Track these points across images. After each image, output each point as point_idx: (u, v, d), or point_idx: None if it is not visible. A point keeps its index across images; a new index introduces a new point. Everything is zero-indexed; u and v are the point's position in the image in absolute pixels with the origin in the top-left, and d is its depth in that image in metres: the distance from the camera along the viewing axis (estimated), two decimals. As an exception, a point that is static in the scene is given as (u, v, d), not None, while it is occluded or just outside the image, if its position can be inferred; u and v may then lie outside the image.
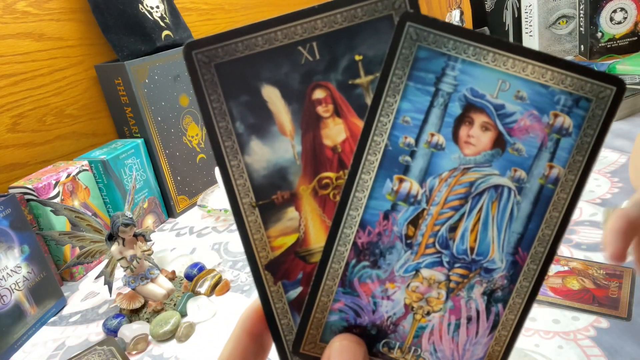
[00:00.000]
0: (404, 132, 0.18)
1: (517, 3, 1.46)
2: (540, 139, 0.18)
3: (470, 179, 0.19)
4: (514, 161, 0.18)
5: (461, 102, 0.18)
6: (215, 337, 0.59)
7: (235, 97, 0.19)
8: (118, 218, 0.63)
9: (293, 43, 0.19)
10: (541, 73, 0.18)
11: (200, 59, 0.19)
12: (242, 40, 0.19)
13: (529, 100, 0.18)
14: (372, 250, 0.20)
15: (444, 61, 0.18)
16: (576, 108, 0.18)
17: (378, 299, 0.20)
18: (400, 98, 0.18)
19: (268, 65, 0.19)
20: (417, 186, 0.19)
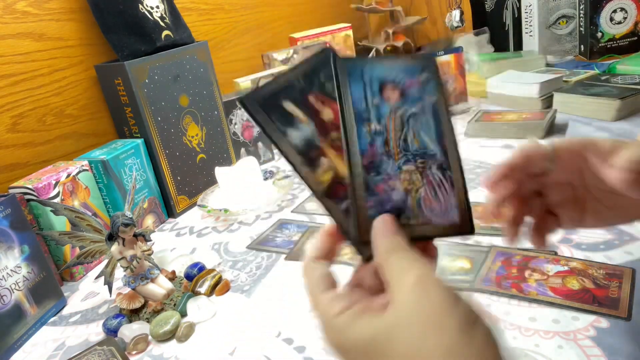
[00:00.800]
0: (360, 103, 0.35)
1: (517, 3, 1.46)
2: (417, 88, 0.36)
3: (400, 113, 0.35)
4: (412, 99, 0.35)
5: (379, 82, 0.35)
6: (215, 337, 0.59)
7: (275, 113, 0.35)
8: (118, 218, 0.63)
9: (291, 80, 0.35)
10: (399, 61, 0.37)
11: (251, 103, 0.34)
12: (267, 85, 0.35)
13: (404, 75, 0.36)
14: (373, 166, 0.34)
15: (362, 68, 0.35)
16: (421, 72, 0.36)
17: (389, 192, 0.34)
18: (350, 90, 0.35)
19: (283, 93, 0.35)
20: (377, 125, 0.34)
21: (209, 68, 1.02)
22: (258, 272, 0.71)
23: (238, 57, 1.35)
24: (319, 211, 0.85)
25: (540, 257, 0.60)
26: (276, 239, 0.80)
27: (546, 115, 0.98)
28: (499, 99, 1.19)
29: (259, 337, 0.58)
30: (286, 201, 0.93)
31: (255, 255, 0.76)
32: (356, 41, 1.60)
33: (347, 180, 0.33)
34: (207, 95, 1.03)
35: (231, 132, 1.10)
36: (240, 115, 1.12)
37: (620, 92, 0.97)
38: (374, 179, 0.34)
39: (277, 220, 0.86)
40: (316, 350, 0.53)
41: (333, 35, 1.38)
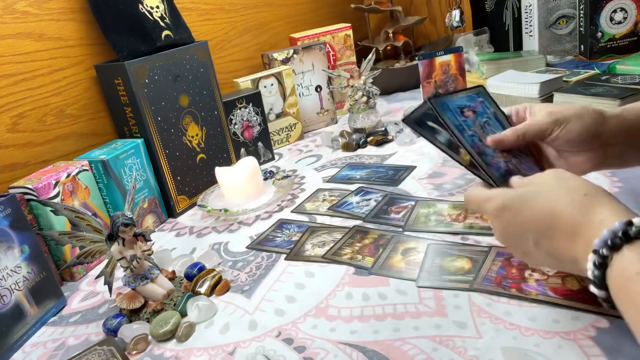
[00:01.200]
0: (456, 121, 0.58)
1: (517, 3, 1.46)
2: (480, 106, 0.62)
3: (478, 123, 0.59)
4: (480, 113, 0.60)
5: (459, 108, 0.60)
6: (215, 337, 0.59)
7: (425, 127, 0.60)
8: (118, 218, 0.63)
9: (426, 111, 0.60)
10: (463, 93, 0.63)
11: (410, 122, 0.60)
12: (414, 112, 0.61)
13: (469, 101, 0.61)
14: (481, 152, 0.56)
15: (447, 103, 0.60)
16: (477, 97, 0.63)
17: (497, 164, 0.56)
18: (447, 116, 0.58)
19: (425, 118, 0.60)
20: (470, 131, 0.58)
21: (209, 68, 1.02)
22: (258, 272, 0.71)
23: (238, 57, 1.35)
24: (319, 211, 0.85)
25: (540, 257, 0.60)
26: (276, 239, 0.80)
27: (546, 115, 0.98)
28: (499, 99, 1.19)
29: (259, 337, 0.58)
30: (286, 201, 0.93)
31: (255, 255, 0.76)
32: (356, 41, 1.60)
33: (474, 160, 0.55)
34: (207, 95, 1.03)
35: (231, 132, 1.10)
36: (240, 115, 1.12)
37: (620, 92, 0.97)
38: (485, 159, 0.56)
39: (277, 220, 0.86)
40: (316, 351, 0.54)
41: (333, 35, 1.38)
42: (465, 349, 0.49)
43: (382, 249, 0.70)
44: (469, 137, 0.58)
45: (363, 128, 1.17)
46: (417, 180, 0.90)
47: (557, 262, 0.46)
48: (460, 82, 1.19)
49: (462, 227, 0.71)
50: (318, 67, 1.30)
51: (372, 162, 1.03)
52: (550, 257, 0.46)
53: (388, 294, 0.60)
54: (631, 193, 0.71)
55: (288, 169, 1.09)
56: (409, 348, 0.51)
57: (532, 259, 0.49)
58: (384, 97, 1.50)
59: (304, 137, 1.30)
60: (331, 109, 1.36)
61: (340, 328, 0.56)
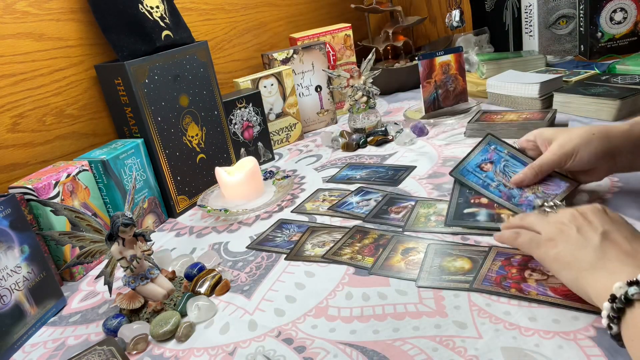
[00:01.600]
0: (478, 181, 0.73)
1: (517, 3, 1.46)
2: (495, 154, 0.74)
3: (499, 170, 0.71)
4: (497, 160, 0.73)
5: (477, 166, 0.75)
6: (215, 337, 0.59)
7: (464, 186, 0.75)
8: (118, 218, 0.63)
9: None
10: (477, 149, 0.77)
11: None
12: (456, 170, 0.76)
13: (484, 154, 0.75)
14: (509, 196, 0.68)
15: (465, 167, 0.75)
16: (489, 145, 0.77)
17: (528, 198, 0.67)
18: (470, 180, 0.73)
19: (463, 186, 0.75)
20: (493, 182, 0.71)
21: (209, 68, 1.02)
22: (258, 272, 0.71)
23: (238, 57, 1.35)
24: (319, 211, 0.85)
25: (540, 257, 0.60)
26: (276, 239, 0.80)
27: (546, 115, 0.98)
28: (499, 99, 1.19)
29: (259, 337, 0.58)
30: (286, 201, 0.93)
31: (255, 255, 0.76)
32: (356, 41, 1.60)
33: (507, 208, 0.66)
34: (207, 95, 1.03)
35: (231, 132, 1.10)
36: (240, 115, 1.12)
37: (620, 92, 0.97)
38: (515, 201, 0.65)
39: (277, 220, 0.86)
40: (316, 351, 0.54)
41: (333, 35, 1.38)
42: (465, 349, 0.49)
43: (382, 249, 0.70)
44: (494, 189, 0.67)
45: (363, 128, 1.17)
46: (417, 180, 0.90)
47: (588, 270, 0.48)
48: (460, 82, 1.19)
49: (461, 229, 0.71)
50: (318, 67, 1.30)
51: (372, 162, 1.03)
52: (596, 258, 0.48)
53: (388, 294, 0.60)
54: (631, 193, 0.71)
55: (288, 169, 1.09)
56: (409, 348, 0.51)
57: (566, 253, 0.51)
58: (384, 97, 1.50)
59: (304, 137, 1.30)
60: (331, 109, 1.36)
61: (340, 328, 0.56)
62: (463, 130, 1.08)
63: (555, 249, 0.52)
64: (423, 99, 1.18)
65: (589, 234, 0.50)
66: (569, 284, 0.50)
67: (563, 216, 0.54)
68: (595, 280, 0.47)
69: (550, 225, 0.54)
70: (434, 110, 1.20)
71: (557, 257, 0.51)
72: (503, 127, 1.00)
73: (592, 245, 0.49)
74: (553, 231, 0.53)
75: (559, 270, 0.51)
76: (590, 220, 0.52)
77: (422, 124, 1.12)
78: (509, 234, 0.58)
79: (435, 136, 1.10)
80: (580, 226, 0.51)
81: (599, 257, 0.48)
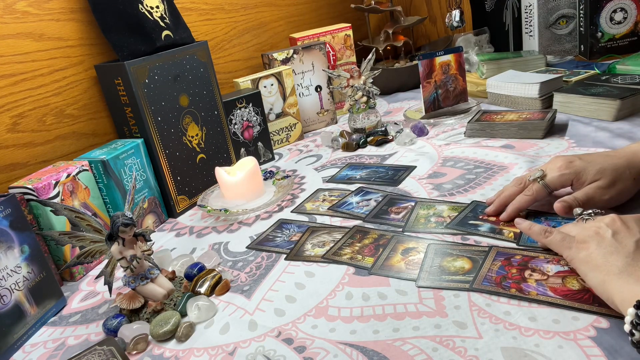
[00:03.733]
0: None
1: (517, 3, 1.46)
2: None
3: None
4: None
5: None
6: (215, 337, 0.59)
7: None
8: (118, 218, 0.63)
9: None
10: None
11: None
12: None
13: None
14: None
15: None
16: None
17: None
18: None
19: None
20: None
21: (209, 68, 1.02)
22: (258, 272, 0.71)
23: (238, 57, 1.35)
24: (319, 211, 0.85)
25: (540, 257, 0.60)
26: (276, 239, 0.80)
27: (546, 115, 0.98)
28: (499, 99, 1.19)
29: (259, 337, 0.58)
30: (286, 201, 0.93)
31: (255, 255, 0.76)
32: (356, 41, 1.60)
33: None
34: (207, 95, 1.03)
35: (231, 132, 1.10)
36: (240, 115, 1.12)
37: (620, 92, 0.97)
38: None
39: (277, 220, 0.86)
40: (316, 351, 0.54)
41: (333, 35, 1.38)
42: (465, 349, 0.49)
43: (382, 249, 0.70)
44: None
45: (363, 128, 1.17)
46: (417, 180, 0.90)
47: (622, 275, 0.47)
48: (460, 82, 1.19)
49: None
50: (318, 67, 1.30)
51: (372, 162, 1.03)
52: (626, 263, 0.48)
53: (388, 294, 0.60)
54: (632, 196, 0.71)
55: (288, 169, 1.09)
56: (409, 348, 0.51)
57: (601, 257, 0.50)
58: (384, 97, 1.50)
59: (304, 137, 1.30)
60: (331, 109, 1.36)
61: (340, 328, 0.56)
62: (463, 130, 1.08)
63: (587, 250, 0.51)
64: (423, 99, 1.18)
65: (625, 239, 0.50)
66: (595, 286, 0.49)
67: (602, 219, 0.54)
68: (622, 285, 0.46)
69: (585, 229, 0.54)
70: (434, 110, 1.20)
71: (587, 258, 0.51)
72: (503, 127, 1.00)
73: (625, 250, 0.48)
74: (587, 234, 0.53)
75: (587, 272, 0.50)
76: (629, 227, 0.51)
77: (422, 124, 1.12)
78: (539, 229, 0.58)
79: (435, 136, 1.10)
80: (618, 231, 0.51)
81: (630, 264, 0.47)
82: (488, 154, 0.94)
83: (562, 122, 1.01)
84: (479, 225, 0.70)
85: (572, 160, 0.67)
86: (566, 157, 0.68)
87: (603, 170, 0.64)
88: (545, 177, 0.68)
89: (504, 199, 0.71)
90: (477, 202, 0.77)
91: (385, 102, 1.45)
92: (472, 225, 0.71)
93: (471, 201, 0.77)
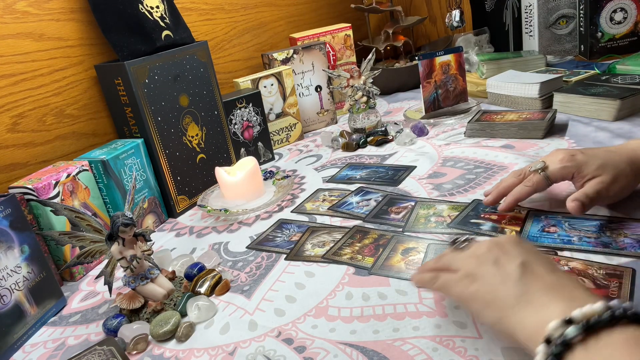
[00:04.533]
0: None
1: (517, 3, 1.46)
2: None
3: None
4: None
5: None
6: (215, 337, 0.59)
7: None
8: (118, 218, 0.63)
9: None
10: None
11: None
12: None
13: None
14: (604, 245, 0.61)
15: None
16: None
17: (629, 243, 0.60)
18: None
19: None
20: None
21: (209, 68, 1.02)
22: (258, 272, 0.71)
23: (238, 57, 1.35)
24: (319, 211, 0.85)
25: (540, 257, 0.60)
26: (276, 239, 0.80)
27: (546, 115, 0.98)
28: (499, 99, 1.19)
29: (259, 337, 0.58)
30: (286, 201, 0.93)
31: (255, 255, 0.76)
32: (356, 41, 1.60)
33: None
34: (207, 95, 1.03)
35: (231, 132, 1.10)
36: (240, 115, 1.12)
37: (620, 92, 0.97)
38: (614, 246, 0.60)
39: (277, 220, 0.86)
40: (316, 351, 0.54)
41: (333, 35, 1.38)
42: (466, 349, 0.49)
43: (382, 249, 0.70)
44: (580, 242, 0.61)
45: (363, 128, 1.17)
46: (417, 180, 0.90)
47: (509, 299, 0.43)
48: (460, 82, 1.19)
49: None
50: (318, 67, 1.30)
51: (372, 162, 1.03)
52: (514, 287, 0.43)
53: (388, 294, 0.60)
54: (631, 193, 0.71)
55: (288, 169, 1.09)
56: (409, 348, 0.51)
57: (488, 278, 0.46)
58: (384, 97, 1.50)
59: (304, 137, 1.30)
60: (331, 109, 1.36)
61: (340, 328, 0.56)
62: (463, 130, 1.08)
63: (473, 285, 0.46)
64: (423, 99, 1.18)
65: (507, 266, 0.45)
66: (493, 325, 0.44)
67: (479, 248, 0.49)
68: (522, 319, 0.41)
69: (465, 260, 0.49)
70: (434, 110, 1.20)
71: (475, 295, 0.46)
72: (503, 127, 1.00)
73: (512, 279, 0.44)
74: (469, 266, 0.48)
75: (480, 311, 0.45)
76: (507, 251, 0.47)
77: (422, 124, 1.12)
78: (428, 277, 0.52)
79: (435, 136, 1.10)
80: (497, 258, 0.46)
81: (522, 292, 0.42)
82: (488, 154, 0.94)
83: (562, 122, 1.01)
84: (480, 224, 0.70)
85: (574, 153, 0.66)
86: (568, 150, 0.68)
87: (604, 165, 0.64)
88: (546, 169, 0.67)
89: (503, 189, 0.70)
90: (479, 200, 0.77)
91: (385, 102, 1.45)
92: (474, 224, 0.71)
93: (472, 200, 0.78)
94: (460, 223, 0.72)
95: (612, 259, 0.58)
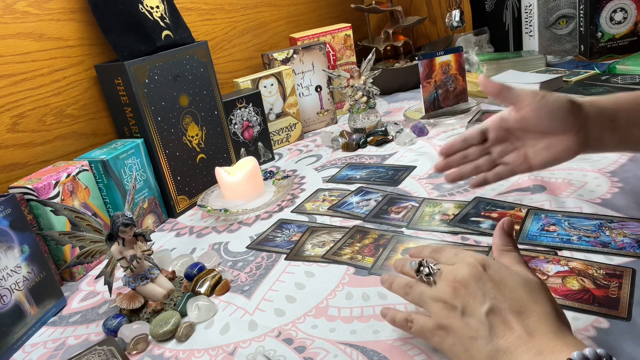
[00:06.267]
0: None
1: (517, 3, 1.46)
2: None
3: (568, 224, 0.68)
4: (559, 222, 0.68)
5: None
6: (215, 337, 0.59)
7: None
8: (118, 218, 0.63)
9: None
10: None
11: None
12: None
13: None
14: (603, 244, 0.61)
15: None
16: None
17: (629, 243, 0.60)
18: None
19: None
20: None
21: (209, 68, 1.02)
22: (258, 272, 0.71)
23: (238, 57, 1.35)
24: (319, 211, 0.85)
25: (540, 257, 0.60)
26: (276, 239, 0.80)
27: (546, 115, 0.98)
28: (499, 99, 1.19)
29: (259, 337, 0.58)
30: (286, 201, 0.93)
31: (255, 255, 0.76)
32: (356, 41, 1.60)
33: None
34: (207, 95, 1.03)
35: (231, 132, 1.10)
36: (240, 115, 1.12)
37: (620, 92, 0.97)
38: (613, 246, 0.60)
39: (277, 220, 0.86)
40: (316, 351, 0.54)
41: (333, 35, 1.38)
42: (465, 349, 0.49)
43: (382, 249, 0.70)
44: (580, 242, 0.61)
45: (363, 128, 1.17)
46: (417, 180, 0.90)
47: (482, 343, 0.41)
48: (460, 82, 1.19)
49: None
50: (318, 67, 1.30)
51: (372, 162, 1.03)
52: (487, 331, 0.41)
53: (388, 294, 0.60)
54: (631, 193, 0.71)
55: (288, 169, 1.09)
56: (409, 348, 0.51)
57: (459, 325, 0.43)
58: (384, 97, 1.50)
59: (304, 137, 1.30)
60: (331, 109, 1.36)
61: (340, 328, 0.56)
62: (463, 130, 1.08)
63: (448, 338, 0.44)
64: (423, 99, 1.18)
65: (475, 314, 0.42)
66: None
67: (445, 292, 0.45)
68: None
69: (435, 304, 0.45)
70: (434, 110, 1.20)
71: (453, 350, 0.43)
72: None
73: (481, 334, 0.41)
74: (439, 315, 0.45)
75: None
76: (472, 292, 0.43)
77: (422, 124, 1.12)
78: (401, 318, 0.49)
79: (435, 136, 1.10)
80: (465, 306, 0.43)
81: (494, 349, 0.40)
82: (488, 154, 0.94)
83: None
84: (480, 222, 0.71)
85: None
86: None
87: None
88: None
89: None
90: (480, 197, 0.77)
91: (385, 102, 1.45)
92: (474, 222, 0.71)
93: (474, 197, 0.78)
94: (460, 221, 0.72)
95: (612, 259, 0.58)
